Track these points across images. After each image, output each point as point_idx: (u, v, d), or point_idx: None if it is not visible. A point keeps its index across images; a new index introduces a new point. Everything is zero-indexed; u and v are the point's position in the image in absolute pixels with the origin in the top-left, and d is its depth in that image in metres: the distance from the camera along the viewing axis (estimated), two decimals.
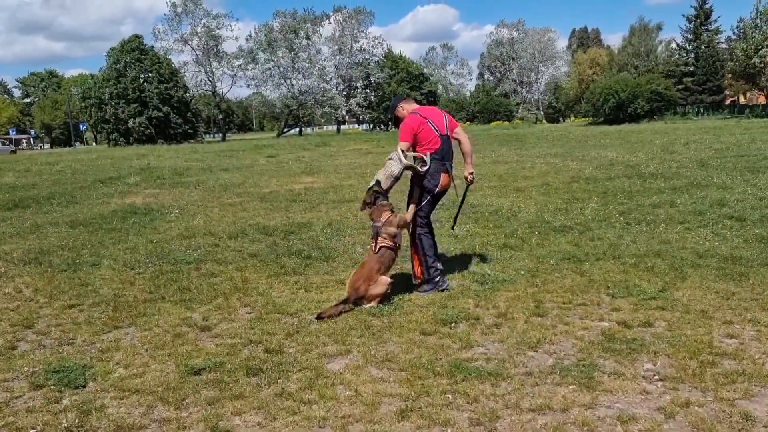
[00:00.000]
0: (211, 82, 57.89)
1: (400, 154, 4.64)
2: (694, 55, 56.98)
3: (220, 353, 3.71)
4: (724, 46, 57.77)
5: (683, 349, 3.41)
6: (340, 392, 3.13)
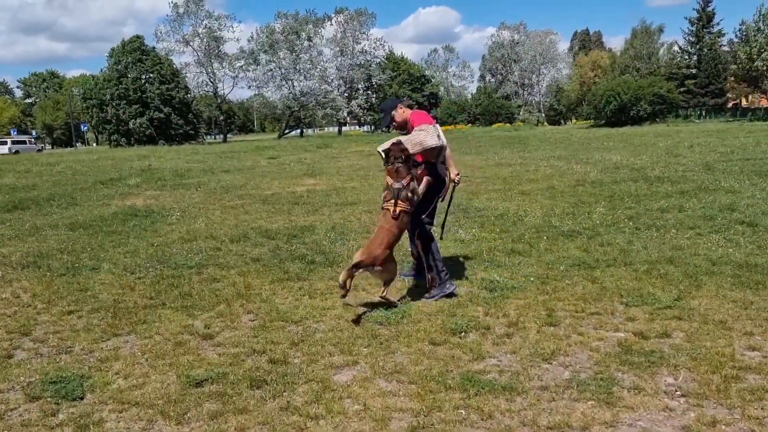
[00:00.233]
0: (212, 83, 57.93)
1: (439, 129, 4.49)
2: (696, 57, 56.88)
3: (222, 363, 3.58)
4: (726, 48, 57.71)
5: (704, 362, 3.27)
6: (348, 406, 3.00)
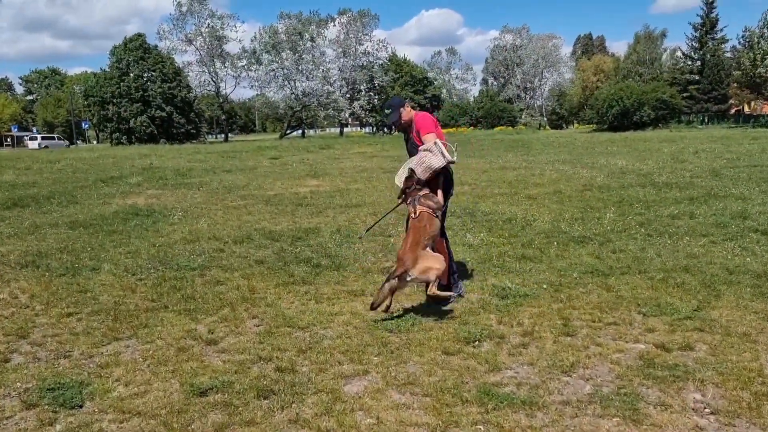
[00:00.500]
0: (214, 82, 57.76)
1: (441, 147, 4.36)
2: (699, 63, 56.76)
3: (227, 371, 3.44)
4: (729, 55, 57.60)
5: (732, 377, 3.14)
6: (360, 419, 2.87)
